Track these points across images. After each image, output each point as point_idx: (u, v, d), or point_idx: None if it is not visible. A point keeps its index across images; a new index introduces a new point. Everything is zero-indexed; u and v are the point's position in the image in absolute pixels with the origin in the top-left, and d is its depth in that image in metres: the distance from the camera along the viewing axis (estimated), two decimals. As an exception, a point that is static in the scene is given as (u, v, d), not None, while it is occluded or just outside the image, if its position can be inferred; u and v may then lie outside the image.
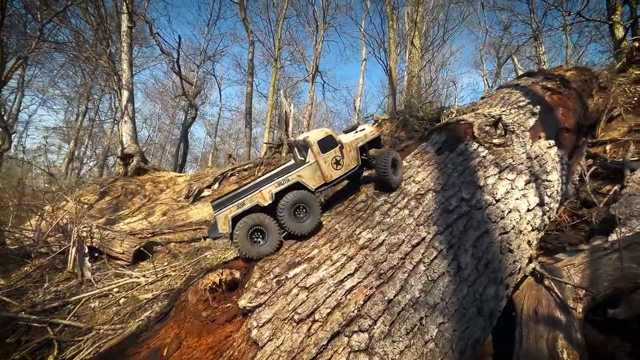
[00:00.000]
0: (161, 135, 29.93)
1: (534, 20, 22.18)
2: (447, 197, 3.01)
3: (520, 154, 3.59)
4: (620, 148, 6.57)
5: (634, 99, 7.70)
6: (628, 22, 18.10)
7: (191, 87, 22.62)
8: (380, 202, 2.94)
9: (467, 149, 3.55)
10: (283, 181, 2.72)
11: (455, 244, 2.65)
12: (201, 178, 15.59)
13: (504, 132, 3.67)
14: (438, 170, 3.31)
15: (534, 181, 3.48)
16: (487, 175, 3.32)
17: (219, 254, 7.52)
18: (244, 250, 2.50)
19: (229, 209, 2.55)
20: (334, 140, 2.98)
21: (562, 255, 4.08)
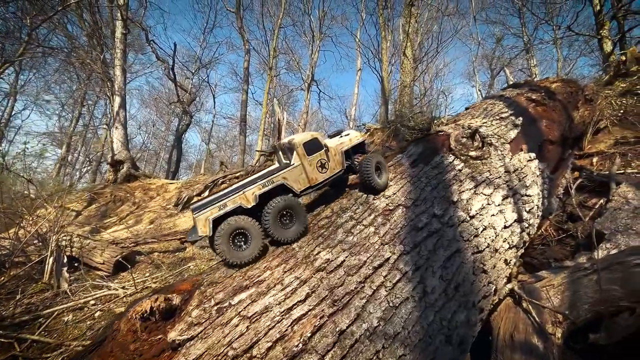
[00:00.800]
0: (156, 141, 29.73)
1: (526, 33, 22.42)
2: (418, 214, 2.81)
3: (498, 167, 3.41)
4: (607, 160, 6.43)
5: (620, 111, 7.61)
6: (616, 37, 18.31)
7: (186, 94, 22.49)
8: (345, 219, 2.73)
9: (442, 162, 3.36)
10: (267, 183, 2.63)
11: (423, 265, 2.43)
12: (192, 185, 15.35)
13: (481, 144, 3.50)
14: (411, 184, 3.11)
15: (512, 196, 3.29)
16: (462, 189, 3.12)
17: (203, 265, 7.26)
18: (225, 255, 2.37)
19: (209, 211, 2.41)
20: (320, 143, 2.94)
21: (545, 273, 3.86)
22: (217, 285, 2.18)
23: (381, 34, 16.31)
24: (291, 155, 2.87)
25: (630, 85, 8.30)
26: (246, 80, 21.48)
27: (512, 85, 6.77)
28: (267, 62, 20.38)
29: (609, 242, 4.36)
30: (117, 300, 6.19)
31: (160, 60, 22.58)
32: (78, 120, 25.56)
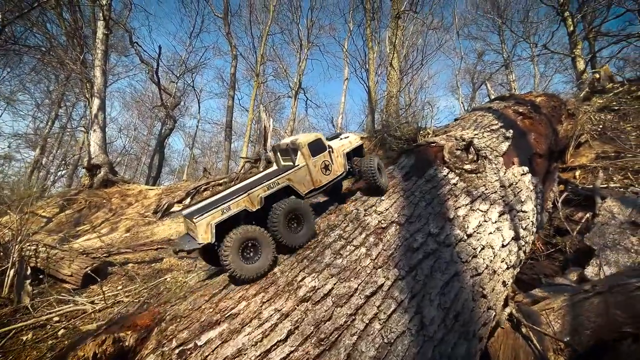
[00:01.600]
0: (137, 146, 28.55)
1: (505, 50, 23.18)
2: (413, 232, 2.54)
3: (493, 181, 3.21)
4: (589, 174, 6.45)
5: (599, 126, 7.74)
6: (588, 57, 19.13)
7: (170, 98, 21.79)
8: (334, 238, 2.42)
9: (436, 175, 3.13)
10: (272, 184, 2.41)
11: (419, 292, 2.15)
12: (173, 192, 14.68)
13: (476, 157, 3.30)
14: (404, 199, 2.85)
15: (508, 212, 3.08)
16: (457, 205, 2.89)
17: (180, 277, 6.75)
18: (237, 270, 2.05)
19: (211, 215, 2.11)
20: (324, 144, 2.80)
21: (539, 292, 3.68)
22: (182, 320, 1.81)
23: (368, 45, 16.35)
24: (294, 156, 2.68)
25: (607, 101, 8.51)
26: (232, 86, 21.04)
27: (499, 97, 6.74)
28: (254, 69, 20.06)
29: (599, 257, 4.26)
30: (85, 316, 5.60)
31: (144, 62, 21.88)
32: (54, 121, 24.28)
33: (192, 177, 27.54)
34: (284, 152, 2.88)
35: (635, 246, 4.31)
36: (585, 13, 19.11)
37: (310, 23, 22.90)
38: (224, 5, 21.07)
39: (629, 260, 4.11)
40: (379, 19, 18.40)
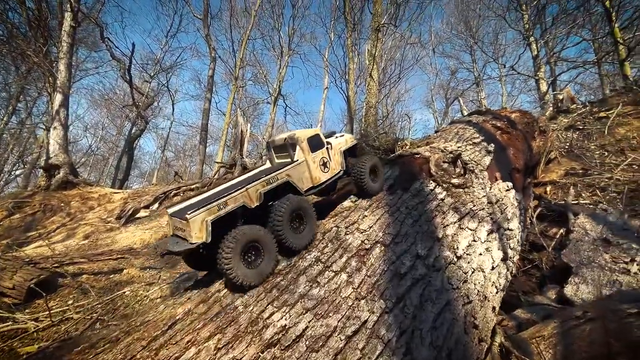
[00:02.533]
0: (105, 146, 26.61)
1: (476, 69, 24.21)
2: (399, 254, 2.21)
3: (480, 197, 2.98)
4: (559, 190, 6.55)
5: (566, 144, 7.99)
6: (550, 79, 20.34)
7: (142, 98, 20.58)
8: (310, 261, 2.03)
9: (423, 189, 2.85)
10: (272, 180, 2.22)
11: (409, 328, 1.80)
12: (140, 196, 13.63)
13: (463, 171, 3.07)
14: (389, 215, 2.53)
15: (496, 231, 2.85)
16: (446, 223, 2.61)
17: (141, 291, 6.03)
18: (239, 276, 1.78)
19: (206, 211, 1.87)
20: (322, 140, 2.69)
21: (521, 313, 3.49)
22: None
23: (349, 56, 16.35)
24: (293, 151, 2.52)
25: (572, 121, 8.86)
26: (210, 88, 20.26)
27: (476, 112, 6.74)
28: (233, 72, 19.45)
29: (576, 275, 4.17)
30: (26, 336, 4.79)
31: (115, 59, 20.62)
32: (12, 116, 22.15)
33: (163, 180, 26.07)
34: (280, 148, 2.69)
35: (609, 263, 4.27)
36: (547, 39, 20.37)
37: (292, 31, 22.74)
38: (204, 6, 20.40)
39: (605, 278, 4.05)
40: (360, 30, 18.56)
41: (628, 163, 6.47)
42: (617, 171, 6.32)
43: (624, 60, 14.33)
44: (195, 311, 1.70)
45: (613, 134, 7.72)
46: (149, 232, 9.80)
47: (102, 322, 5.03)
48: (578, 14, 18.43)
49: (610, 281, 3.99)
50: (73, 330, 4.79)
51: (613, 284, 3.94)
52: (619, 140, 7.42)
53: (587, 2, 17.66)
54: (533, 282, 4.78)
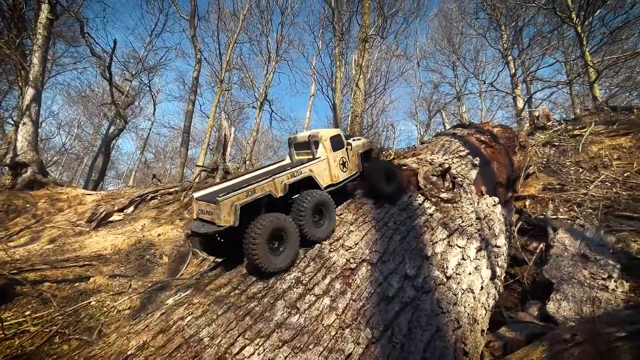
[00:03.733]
0: (80, 145, 25.20)
1: (458, 84, 24.95)
2: (387, 274, 2.03)
3: (469, 212, 2.87)
4: (537, 204, 6.65)
5: (543, 159, 8.19)
6: (526, 97, 21.20)
7: (122, 97, 19.75)
8: (289, 283, 1.80)
9: (411, 203, 2.70)
10: (296, 173, 2.25)
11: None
12: (115, 199, 12.90)
13: (451, 185, 2.95)
14: (376, 231, 2.35)
15: (484, 248, 2.74)
16: (434, 239, 2.46)
17: (109, 301, 5.55)
18: (263, 262, 1.80)
19: (236, 195, 1.90)
20: (343, 140, 2.73)
21: (506, 331, 3.39)
22: None
23: (336, 65, 16.38)
24: (315, 149, 2.58)
25: (549, 137, 9.14)
26: (194, 90, 19.72)
27: (460, 125, 6.78)
28: (219, 75, 19.04)
29: (557, 292, 4.14)
30: None
31: (95, 56, 19.79)
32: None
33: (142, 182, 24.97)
34: (301, 146, 2.74)
35: (588, 279, 4.28)
36: (524, 59, 21.31)
37: (280, 37, 22.63)
38: (191, 7, 19.98)
39: (584, 295, 4.05)
40: (347, 40, 18.71)
41: (601, 180, 6.66)
42: (592, 187, 6.49)
43: (594, 82, 15.11)
44: (152, 344, 1.43)
45: (587, 151, 7.99)
46: (122, 237, 9.20)
47: (62, 335, 4.56)
48: (552, 37, 19.43)
49: (589, 298, 3.98)
50: (28, 345, 4.30)
51: (593, 301, 3.94)
52: (592, 157, 7.68)
53: (560, 27, 18.63)
54: (515, 297, 4.73)
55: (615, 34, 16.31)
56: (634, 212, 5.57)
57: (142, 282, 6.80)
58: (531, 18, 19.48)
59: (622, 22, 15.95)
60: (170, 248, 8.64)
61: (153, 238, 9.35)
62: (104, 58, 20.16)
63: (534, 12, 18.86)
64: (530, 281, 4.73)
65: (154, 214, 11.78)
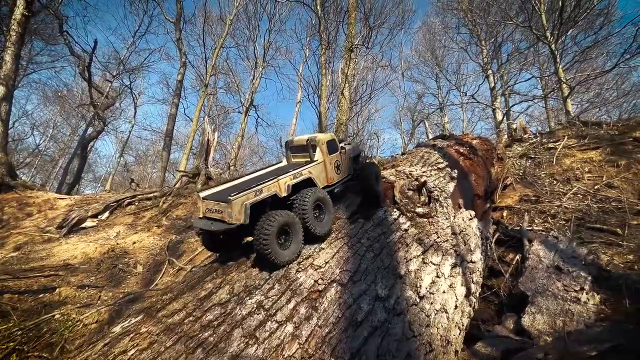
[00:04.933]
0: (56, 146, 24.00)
1: (440, 95, 25.57)
2: (357, 296, 1.91)
3: (445, 228, 2.81)
4: (514, 215, 6.76)
5: (520, 171, 8.39)
6: (504, 109, 21.92)
7: (101, 98, 19.06)
8: (250, 308, 1.66)
9: (386, 218, 2.61)
10: (297, 175, 2.37)
11: (363, 394, 1.49)
12: (89, 204, 12.30)
13: (427, 199, 2.90)
14: (348, 248, 2.24)
15: (459, 264, 2.68)
16: (409, 257, 2.38)
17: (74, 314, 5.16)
18: (273, 255, 1.91)
19: (246, 195, 2.01)
20: (337, 144, 2.87)
21: (482, 347, 3.33)
22: None
23: (322, 73, 16.43)
24: (313, 152, 2.68)
25: (525, 149, 9.40)
26: (178, 93, 19.27)
27: (441, 136, 6.85)
28: (204, 79, 18.70)
29: (532, 305, 4.15)
30: None
31: (74, 55, 19.11)
32: (-58, 107, 19.43)
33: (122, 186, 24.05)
34: (297, 149, 2.84)
35: (561, 292, 4.31)
36: (502, 73, 22.10)
37: (267, 44, 22.57)
38: (177, 10, 19.65)
39: (558, 308, 4.07)
40: (334, 49, 18.84)
41: (574, 192, 6.85)
42: (565, 199, 6.65)
43: (567, 97, 15.77)
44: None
45: (560, 164, 8.24)
46: (94, 245, 8.73)
47: (20, 352, 4.20)
48: (529, 54, 20.25)
49: (563, 311, 4.00)
50: (-22, 366, 3.92)
51: (566, 314, 3.96)
52: (566, 170, 7.92)
53: (536, 44, 19.45)
54: (492, 309, 4.73)
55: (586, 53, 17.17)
56: (604, 224, 5.72)
57: (113, 293, 6.43)
58: (509, 35, 20.29)
59: (592, 42, 16.83)
60: (146, 256, 8.26)
61: (128, 246, 8.93)
62: (83, 57, 19.49)
63: (512, 29, 19.65)
64: (507, 293, 4.74)
65: (131, 220, 11.28)
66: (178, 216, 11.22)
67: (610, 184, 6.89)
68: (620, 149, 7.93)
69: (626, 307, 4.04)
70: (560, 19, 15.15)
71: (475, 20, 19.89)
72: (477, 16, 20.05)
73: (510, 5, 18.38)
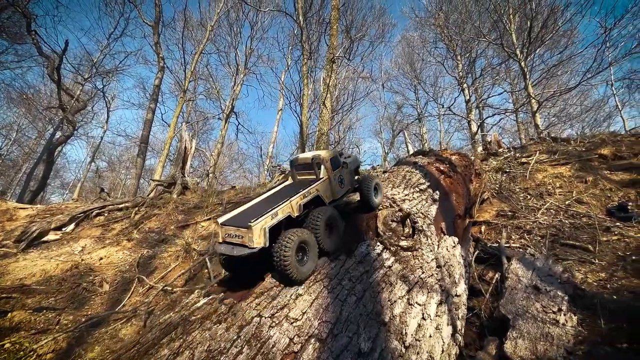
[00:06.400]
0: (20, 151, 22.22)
1: (419, 106, 26.17)
2: (338, 353, 1.68)
3: (429, 261, 2.65)
4: (492, 230, 6.80)
5: (496, 185, 8.53)
6: (479, 121, 22.70)
7: (72, 101, 17.93)
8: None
9: (369, 254, 2.41)
10: (307, 194, 2.46)
11: None
12: (53, 214, 11.36)
13: (411, 230, 2.74)
14: (328, 293, 2.01)
15: (445, 301, 2.52)
16: (393, 298, 2.18)
17: (27, 342, 4.59)
18: (294, 272, 1.96)
19: (264, 220, 2.06)
20: (339, 160, 2.98)
21: (465, 379, 3.20)
22: None
23: (304, 82, 16.30)
24: (318, 169, 2.79)
25: (500, 163, 9.62)
26: (155, 98, 18.47)
27: (421, 152, 6.83)
28: (182, 85, 18.05)
29: (514, 329, 4.08)
30: None
31: (43, 55, 17.99)
32: None
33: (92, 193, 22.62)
34: (303, 167, 2.92)
35: (540, 313, 4.28)
36: (477, 87, 22.94)
37: (249, 51, 22.22)
38: (156, 14, 18.95)
39: (538, 332, 4.02)
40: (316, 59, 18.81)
41: (547, 207, 7.00)
42: (539, 214, 6.78)
43: (536, 112, 16.48)
44: None
45: (533, 178, 8.46)
46: (55, 262, 7.99)
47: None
48: (501, 69, 21.15)
49: (543, 334, 3.95)
50: None
51: (546, 338, 3.91)
52: (538, 184, 8.13)
53: (507, 61, 20.33)
54: (474, 331, 4.62)
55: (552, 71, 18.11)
56: (576, 240, 5.82)
57: (74, 317, 5.84)
58: (483, 51, 21.12)
59: (557, 60, 17.80)
60: (113, 274, 7.64)
61: (94, 262, 8.25)
62: (53, 58, 18.39)
63: (485, 46, 20.47)
64: (488, 314, 4.67)
65: (98, 233, 10.51)
66: (151, 228, 10.56)
67: (580, 200, 7.11)
68: (587, 165, 8.25)
69: (601, 327, 4.05)
70: (529, 38, 15.90)
71: (451, 36, 20.56)
72: (452, 32, 20.75)
73: (484, 23, 19.15)
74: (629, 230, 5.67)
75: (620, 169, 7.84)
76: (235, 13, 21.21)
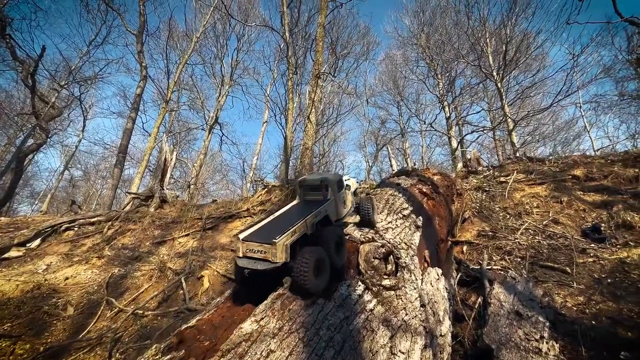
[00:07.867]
0: (-14, 158, 20.78)
1: (402, 121, 26.69)
2: None
3: (413, 300, 2.48)
4: (474, 251, 6.78)
5: (476, 204, 8.60)
6: (459, 138, 23.32)
7: (46, 108, 17.03)
8: None
9: (350, 296, 2.22)
10: (318, 214, 2.58)
11: None
12: (18, 228, 10.53)
13: (394, 267, 2.57)
14: (304, 346, 1.79)
15: (430, 345, 2.34)
16: (375, 348, 1.99)
17: None
18: (312, 286, 2.11)
19: (286, 236, 2.18)
20: (343, 182, 3.13)
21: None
22: None
23: (289, 97, 16.24)
24: (326, 191, 2.94)
25: (480, 182, 9.77)
26: (136, 107, 17.85)
27: (404, 172, 6.79)
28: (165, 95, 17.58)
29: (497, 359, 3.97)
30: None
31: (17, 60, 17.09)
32: None
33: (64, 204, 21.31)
34: (311, 188, 3.05)
35: (523, 341, 4.18)
36: (456, 105, 23.67)
37: (235, 63, 22.06)
38: (140, 22, 18.55)
39: (521, 362, 3.91)
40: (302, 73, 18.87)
41: (525, 227, 7.07)
42: (518, 235, 6.82)
43: (511, 130, 17.05)
44: None
45: (512, 197, 8.60)
46: (15, 282, 7.31)
47: None
48: (479, 89, 21.97)
49: (526, 365, 3.85)
50: None
51: (530, 369, 3.81)
52: (517, 204, 8.26)
53: (485, 81, 21.14)
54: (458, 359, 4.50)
55: (526, 92, 18.95)
56: (554, 262, 5.85)
57: (32, 345, 5.29)
58: (462, 71, 21.93)
59: (530, 82, 18.67)
60: (79, 295, 7.03)
61: (59, 282, 7.60)
62: (28, 64, 17.52)
63: (464, 67, 21.26)
64: (471, 342, 4.54)
65: (67, 249, 9.78)
66: (124, 244, 9.96)
67: (556, 220, 7.23)
68: (562, 186, 8.49)
69: (582, 355, 4.00)
70: (505, 61, 16.63)
71: (432, 56, 21.26)
72: (433, 52, 21.47)
73: (463, 45, 19.92)
74: (603, 253, 5.76)
75: (592, 189, 8.09)
76: (222, 25, 21.11)
